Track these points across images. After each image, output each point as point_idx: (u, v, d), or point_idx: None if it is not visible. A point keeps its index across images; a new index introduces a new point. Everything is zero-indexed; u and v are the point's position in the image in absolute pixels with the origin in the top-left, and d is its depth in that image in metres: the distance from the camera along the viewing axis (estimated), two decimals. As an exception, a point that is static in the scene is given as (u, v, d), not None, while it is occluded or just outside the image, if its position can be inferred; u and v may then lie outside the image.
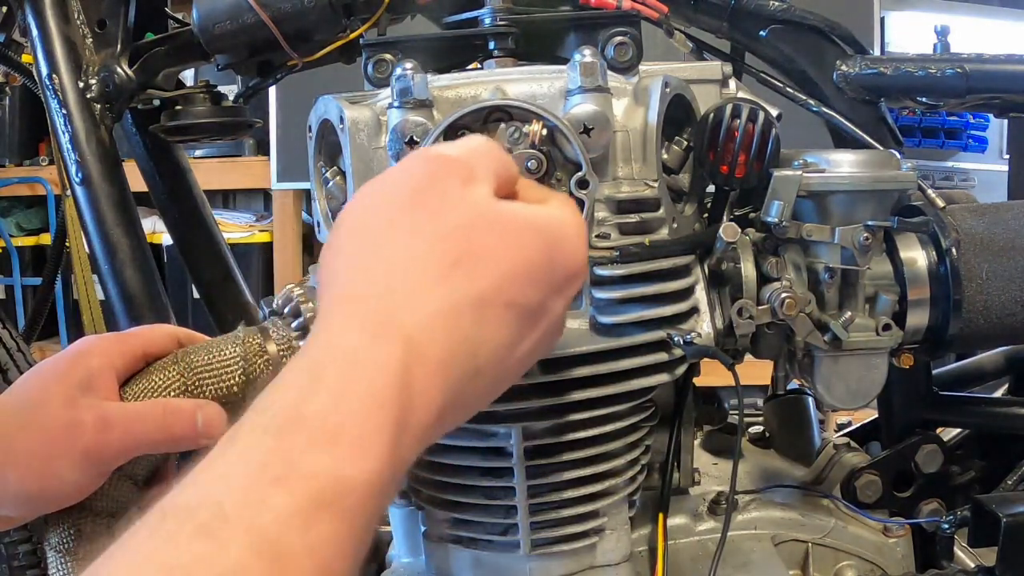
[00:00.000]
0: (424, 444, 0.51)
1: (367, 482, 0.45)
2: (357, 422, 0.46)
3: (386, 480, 0.47)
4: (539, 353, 0.60)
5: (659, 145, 0.75)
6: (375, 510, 0.46)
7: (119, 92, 1.17)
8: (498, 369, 0.56)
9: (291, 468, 0.44)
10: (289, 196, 3.14)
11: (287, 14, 1.04)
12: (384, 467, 0.46)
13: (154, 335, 0.80)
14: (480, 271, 0.54)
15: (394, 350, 0.49)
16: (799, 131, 0.93)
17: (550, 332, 0.59)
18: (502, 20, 0.82)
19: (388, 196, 0.57)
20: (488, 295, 0.54)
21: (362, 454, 0.46)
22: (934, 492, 0.98)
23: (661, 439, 0.86)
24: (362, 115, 0.74)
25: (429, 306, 0.52)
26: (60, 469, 0.71)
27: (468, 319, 0.53)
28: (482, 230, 0.55)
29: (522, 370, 0.60)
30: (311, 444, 0.45)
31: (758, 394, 1.24)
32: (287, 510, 0.43)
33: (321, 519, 0.43)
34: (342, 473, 0.45)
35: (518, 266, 0.55)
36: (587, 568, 0.81)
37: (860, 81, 0.98)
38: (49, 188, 3.46)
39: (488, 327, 0.54)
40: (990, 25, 2.95)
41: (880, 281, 0.84)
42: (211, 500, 0.43)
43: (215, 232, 1.40)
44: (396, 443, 0.47)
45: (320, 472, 0.44)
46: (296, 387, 0.48)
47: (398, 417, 0.48)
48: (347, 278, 0.55)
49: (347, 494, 0.45)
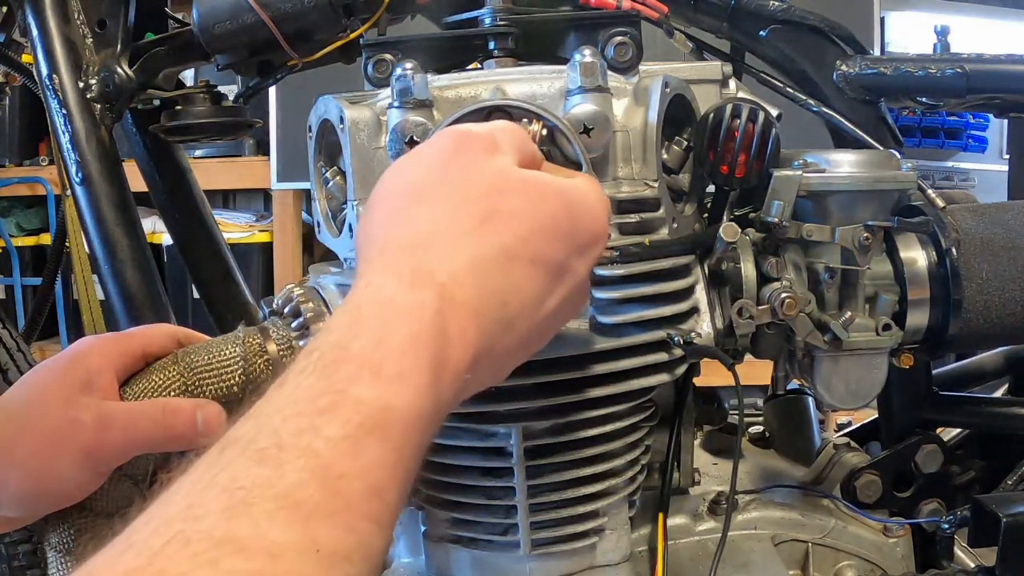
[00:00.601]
0: (461, 390, 0.54)
1: (410, 414, 0.49)
2: (397, 358, 0.50)
3: (428, 414, 0.50)
4: (566, 314, 0.63)
5: (659, 145, 0.75)
6: (419, 441, 0.50)
7: (119, 92, 1.17)
8: (529, 324, 0.59)
9: (339, 399, 0.47)
10: (289, 196, 3.14)
11: (287, 14, 1.04)
12: (425, 401, 0.50)
13: (154, 335, 0.80)
14: (507, 227, 0.58)
15: (428, 296, 0.53)
16: (799, 131, 0.93)
17: (576, 293, 0.62)
18: (502, 20, 0.82)
19: (419, 167, 0.61)
20: (514, 249, 0.57)
21: (404, 387, 0.49)
22: (934, 492, 0.98)
23: (661, 439, 0.86)
24: (362, 115, 0.74)
25: (460, 258, 0.56)
26: (60, 469, 0.71)
27: (497, 271, 0.57)
28: (508, 192, 0.59)
29: (551, 330, 0.63)
30: (356, 377, 0.48)
31: (758, 394, 1.24)
32: (337, 436, 0.46)
33: (370, 444, 0.46)
34: (386, 403, 0.48)
35: (542, 223, 0.59)
36: (587, 568, 0.81)
37: (860, 81, 0.98)
38: (49, 188, 3.46)
39: (516, 279, 0.57)
40: (990, 25, 2.95)
41: (880, 281, 0.84)
42: (267, 430, 0.46)
43: (215, 232, 1.40)
44: (435, 380, 0.51)
45: (365, 401, 0.48)
46: (338, 331, 0.51)
47: (435, 355, 0.51)
48: (383, 237, 0.58)
49: (392, 423, 0.48)
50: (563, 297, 0.61)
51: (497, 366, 0.59)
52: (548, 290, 0.59)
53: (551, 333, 0.63)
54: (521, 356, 0.61)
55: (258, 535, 0.40)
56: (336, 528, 0.43)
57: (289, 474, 0.43)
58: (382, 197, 0.61)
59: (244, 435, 0.46)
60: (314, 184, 0.81)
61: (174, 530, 0.40)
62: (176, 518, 0.41)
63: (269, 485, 0.43)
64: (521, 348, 0.60)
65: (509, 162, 0.61)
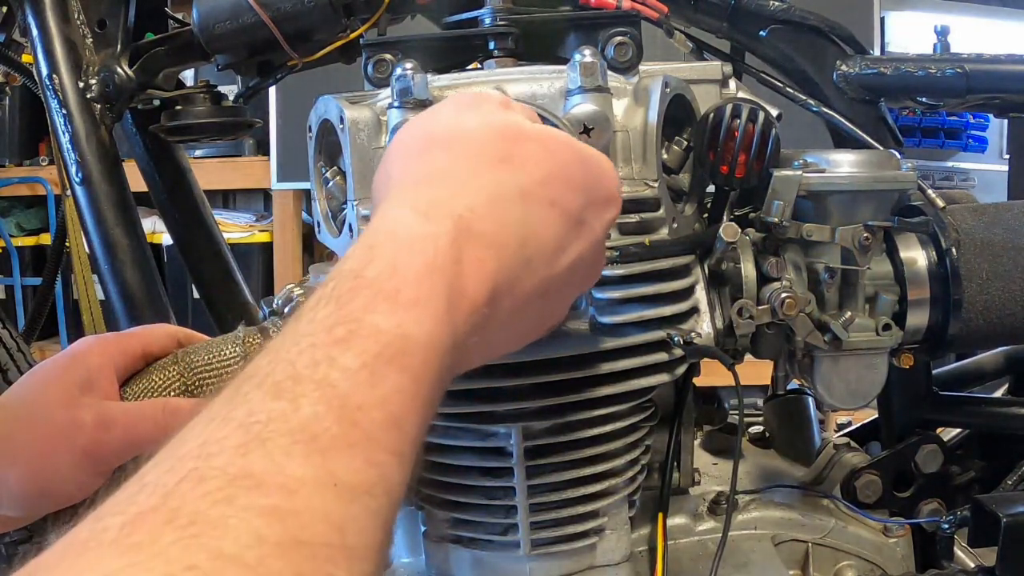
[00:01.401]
0: (479, 325, 0.53)
1: (427, 342, 0.48)
2: (413, 286, 0.49)
3: (446, 344, 0.49)
4: (582, 275, 0.62)
5: (659, 145, 0.75)
6: (438, 372, 0.48)
7: (119, 92, 1.17)
8: (548, 271, 0.58)
9: (355, 328, 0.46)
10: (289, 196, 3.14)
11: (287, 14, 1.04)
12: (442, 330, 0.49)
13: (154, 335, 0.80)
14: (524, 168, 0.58)
15: (445, 226, 0.52)
16: (799, 131, 0.93)
17: (592, 253, 0.61)
18: (502, 20, 0.82)
19: (435, 119, 0.62)
20: (532, 188, 0.57)
21: (420, 314, 0.48)
22: (934, 492, 0.98)
23: (661, 439, 0.86)
24: (362, 115, 0.74)
25: (477, 192, 0.55)
26: (60, 469, 0.71)
27: (515, 207, 0.56)
28: (524, 139, 0.59)
29: (569, 286, 0.62)
30: (372, 305, 0.47)
31: (758, 394, 1.24)
32: (354, 365, 0.45)
33: (387, 374, 0.45)
34: (403, 331, 0.47)
35: (559, 170, 0.59)
36: (587, 568, 0.81)
37: (860, 81, 0.98)
38: (49, 188, 3.46)
39: (534, 220, 0.57)
40: (990, 25, 2.95)
41: (880, 281, 0.84)
42: (284, 363, 0.45)
43: (215, 232, 1.40)
44: (451, 308, 0.50)
45: (383, 330, 0.47)
46: (353, 259, 0.50)
47: (451, 283, 0.50)
48: (399, 176, 0.58)
49: (410, 352, 0.47)
50: (580, 252, 0.60)
51: (516, 308, 0.57)
52: (566, 238, 0.59)
53: (568, 292, 0.63)
54: (539, 307, 0.60)
55: (275, 470, 0.39)
56: (355, 461, 0.42)
57: (305, 407, 0.42)
58: (398, 147, 0.61)
59: (261, 369, 0.45)
60: (314, 184, 0.81)
61: (187, 467, 0.39)
62: (190, 455, 0.40)
63: (284, 419, 0.42)
64: (540, 297, 0.58)
65: (523, 118, 0.62)
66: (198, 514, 0.37)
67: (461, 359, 0.52)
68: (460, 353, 0.51)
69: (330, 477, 0.40)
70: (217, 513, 0.37)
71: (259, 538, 0.37)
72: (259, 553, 0.36)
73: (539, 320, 0.62)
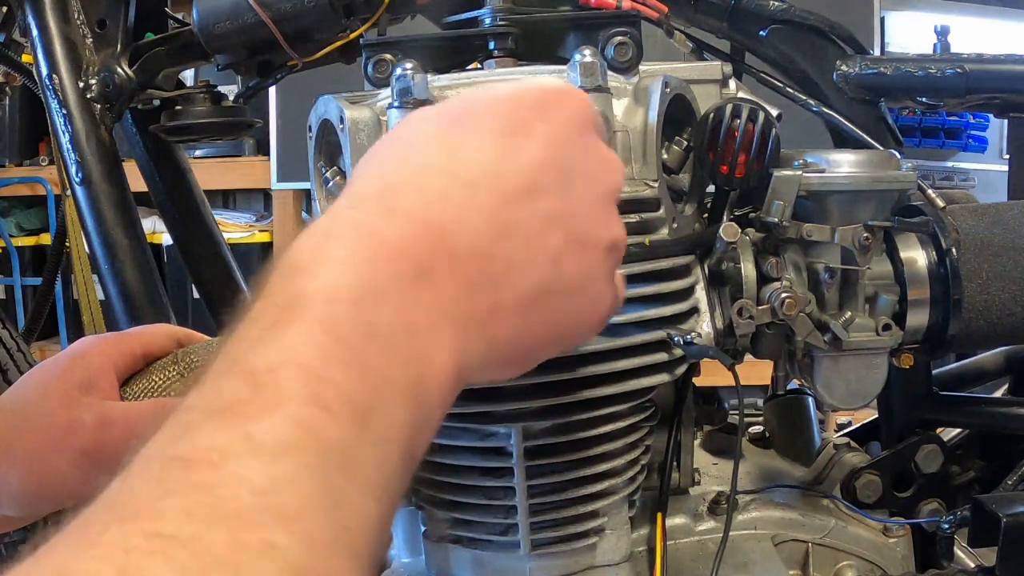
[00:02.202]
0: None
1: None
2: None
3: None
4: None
5: (659, 145, 0.75)
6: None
7: (119, 92, 1.17)
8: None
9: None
10: (289, 196, 3.14)
11: (287, 14, 1.04)
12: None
13: (154, 335, 0.80)
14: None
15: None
16: (799, 131, 0.93)
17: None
18: (502, 20, 0.82)
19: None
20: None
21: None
22: (934, 492, 0.98)
23: (661, 439, 0.86)
24: (362, 115, 0.74)
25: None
26: (60, 469, 0.71)
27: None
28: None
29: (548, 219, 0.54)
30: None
31: (758, 394, 1.24)
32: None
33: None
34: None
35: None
36: (587, 568, 0.81)
37: (860, 81, 0.98)
38: (49, 188, 3.46)
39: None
40: (990, 25, 2.95)
41: (880, 281, 0.84)
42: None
43: (215, 232, 1.40)
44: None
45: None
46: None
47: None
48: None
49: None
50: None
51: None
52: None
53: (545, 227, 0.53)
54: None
55: (199, 446, 0.39)
56: (273, 421, 0.40)
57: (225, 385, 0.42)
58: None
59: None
60: (314, 184, 0.81)
61: (133, 464, 0.41)
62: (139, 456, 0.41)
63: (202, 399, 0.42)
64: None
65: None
66: (140, 504, 0.37)
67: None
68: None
69: (247, 441, 0.39)
70: (154, 496, 0.37)
71: (189, 515, 0.36)
72: (192, 529, 0.36)
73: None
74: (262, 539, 0.36)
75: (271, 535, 0.36)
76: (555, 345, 0.58)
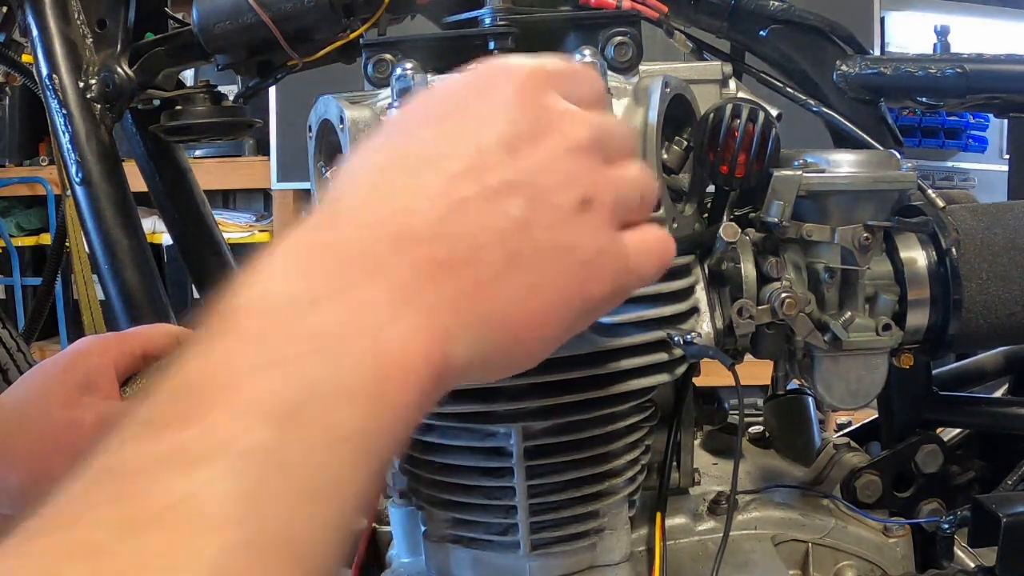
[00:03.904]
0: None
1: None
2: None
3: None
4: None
5: (659, 145, 0.75)
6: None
7: (119, 92, 1.17)
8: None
9: None
10: (289, 196, 3.14)
11: (287, 14, 1.04)
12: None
13: (154, 335, 0.80)
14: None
15: None
16: (799, 131, 0.93)
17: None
18: (502, 20, 0.82)
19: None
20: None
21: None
22: (934, 492, 0.98)
23: (661, 439, 0.86)
24: (362, 115, 0.74)
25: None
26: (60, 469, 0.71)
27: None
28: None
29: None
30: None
31: (758, 394, 1.24)
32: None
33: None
34: None
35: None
36: (587, 568, 0.81)
37: (860, 81, 0.98)
38: (49, 188, 3.46)
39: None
40: (990, 25, 2.95)
41: (880, 281, 0.84)
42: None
43: (215, 232, 1.40)
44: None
45: None
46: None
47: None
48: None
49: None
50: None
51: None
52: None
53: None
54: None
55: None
56: None
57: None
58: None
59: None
60: (314, 184, 0.81)
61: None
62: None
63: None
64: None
65: None
66: (65, 515, 0.40)
67: None
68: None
69: (169, 451, 0.40)
70: (78, 507, 0.40)
71: (108, 525, 0.38)
72: (106, 538, 0.37)
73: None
74: (177, 546, 0.37)
75: (187, 542, 0.37)
76: (567, 311, 0.55)
